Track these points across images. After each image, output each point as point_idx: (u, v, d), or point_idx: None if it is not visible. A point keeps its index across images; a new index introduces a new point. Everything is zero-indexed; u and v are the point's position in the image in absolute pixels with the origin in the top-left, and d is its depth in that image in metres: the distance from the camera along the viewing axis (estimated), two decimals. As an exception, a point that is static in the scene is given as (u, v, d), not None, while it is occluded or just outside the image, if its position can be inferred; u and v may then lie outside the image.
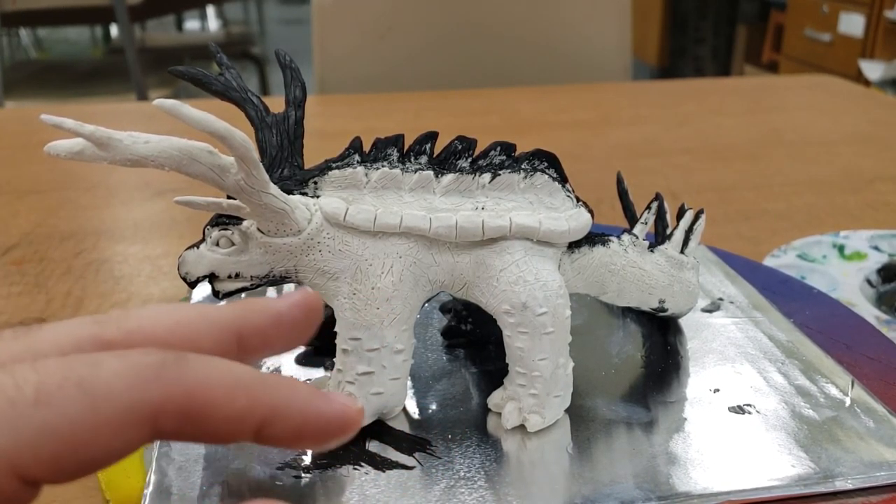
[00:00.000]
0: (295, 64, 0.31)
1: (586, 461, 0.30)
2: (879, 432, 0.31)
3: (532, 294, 0.30)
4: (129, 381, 0.17)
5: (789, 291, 0.43)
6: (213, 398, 0.18)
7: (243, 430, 0.19)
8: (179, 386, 0.18)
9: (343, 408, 0.20)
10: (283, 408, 0.19)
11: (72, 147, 0.23)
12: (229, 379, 0.19)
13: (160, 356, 0.18)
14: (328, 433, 0.20)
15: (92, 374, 0.17)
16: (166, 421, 0.18)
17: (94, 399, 0.17)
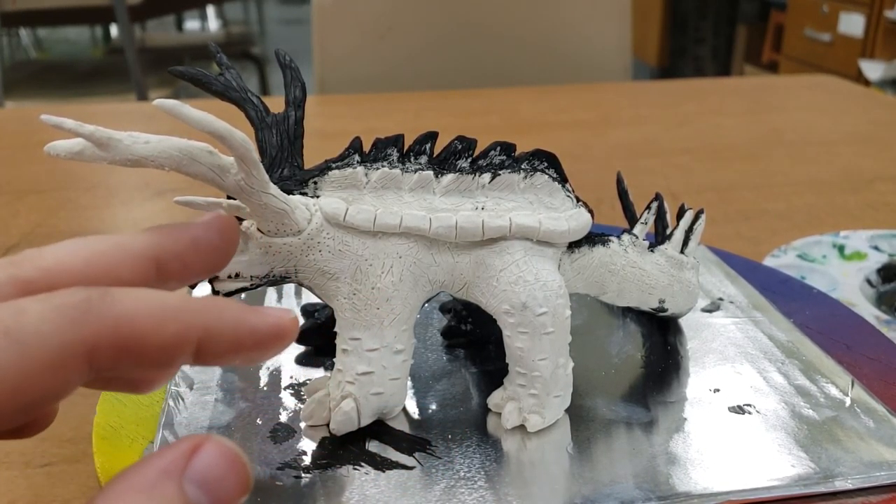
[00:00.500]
0: (295, 64, 0.31)
1: (586, 461, 0.30)
2: (879, 432, 0.31)
3: (532, 294, 0.30)
4: (57, 323, 0.17)
5: (789, 291, 0.43)
6: (143, 328, 0.18)
7: (180, 355, 0.19)
8: (107, 321, 0.18)
9: (276, 319, 0.20)
10: (215, 328, 0.19)
11: (72, 147, 0.23)
12: (156, 307, 0.19)
13: (84, 294, 0.18)
14: (265, 344, 0.20)
15: (18, 322, 0.17)
16: (101, 357, 0.18)
17: (23, 346, 0.17)
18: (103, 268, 0.21)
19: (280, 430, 0.31)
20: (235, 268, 0.29)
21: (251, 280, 0.29)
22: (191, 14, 3.99)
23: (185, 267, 0.23)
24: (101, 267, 0.21)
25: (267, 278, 0.29)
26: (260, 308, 0.20)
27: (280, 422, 0.32)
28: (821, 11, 2.39)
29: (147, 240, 0.22)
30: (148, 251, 0.22)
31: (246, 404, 0.33)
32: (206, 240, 0.23)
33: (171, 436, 0.30)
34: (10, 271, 0.19)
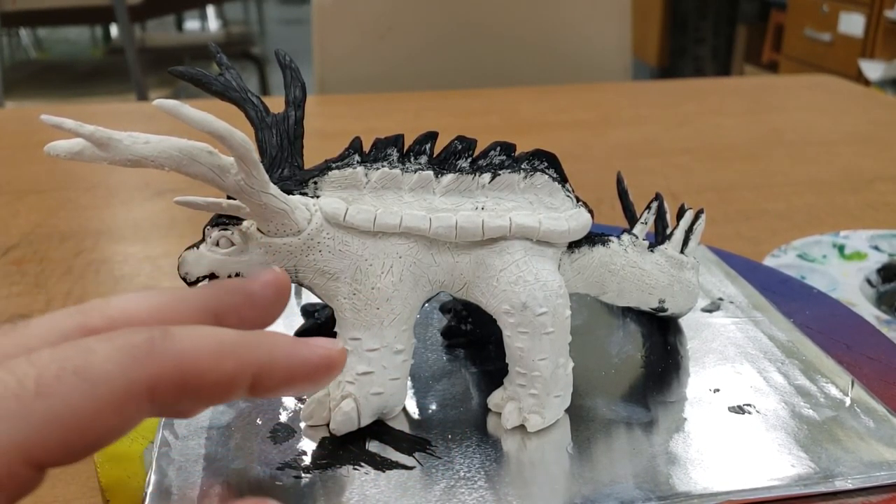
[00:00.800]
0: (295, 64, 0.31)
1: (586, 461, 0.30)
2: (879, 432, 0.31)
3: (532, 294, 0.30)
4: (122, 362, 0.18)
5: (789, 291, 0.43)
6: (202, 366, 0.19)
7: (236, 390, 0.20)
8: (169, 359, 0.19)
9: (325, 351, 0.21)
10: (268, 362, 0.20)
11: (71, 147, 0.23)
12: (214, 344, 0.20)
13: (147, 333, 0.19)
14: (316, 376, 0.21)
15: (86, 361, 0.18)
16: (163, 394, 0.19)
17: (91, 384, 0.18)
18: (165, 319, 0.22)
19: (280, 430, 0.31)
20: (236, 268, 0.29)
21: (251, 280, 0.29)
22: (191, 14, 3.99)
23: (242, 321, 0.24)
24: (163, 318, 0.22)
25: (267, 278, 0.29)
26: (309, 340, 0.22)
27: (280, 422, 0.32)
28: (821, 11, 2.39)
29: (207, 294, 0.23)
30: (208, 305, 0.23)
31: (246, 404, 0.33)
32: (262, 296, 0.24)
33: (171, 436, 0.30)
34: (78, 319, 0.20)
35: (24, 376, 0.17)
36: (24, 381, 0.17)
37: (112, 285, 0.49)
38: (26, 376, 0.17)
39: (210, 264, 0.28)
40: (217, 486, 0.28)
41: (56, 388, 0.17)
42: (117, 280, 0.50)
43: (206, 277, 0.29)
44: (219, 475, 0.29)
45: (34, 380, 0.17)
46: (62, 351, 0.18)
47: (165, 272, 0.51)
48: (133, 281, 0.50)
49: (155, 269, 0.52)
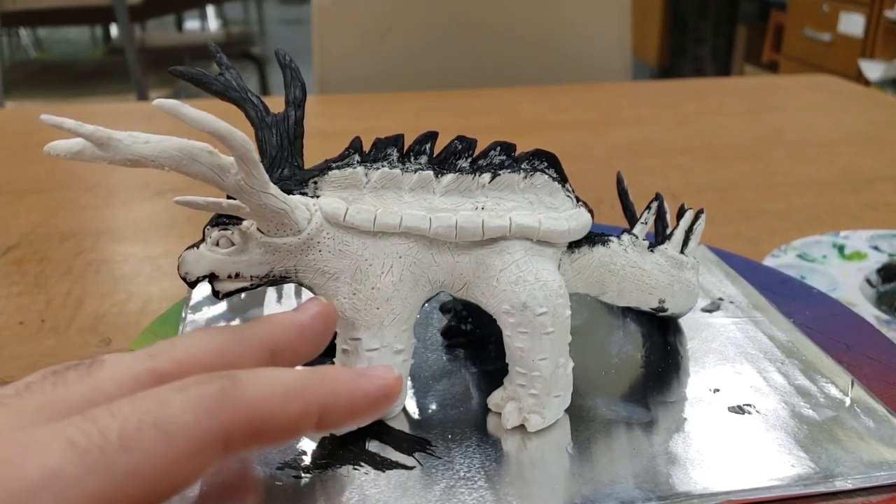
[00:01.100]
0: (295, 64, 0.31)
1: (586, 461, 0.30)
2: (879, 432, 0.31)
3: (532, 294, 0.30)
4: (197, 413, 0.19)
5: (789, 291, 0.43)
6: (271, 411, 0.20)
7: (303, 429, 0.21)
8: (240, 407, 0.19)
9: (383, 381, 0.22)
10: (332, 401, 0.21)
11: (71, 147, 0.23)
12: (280, 388, 0.20)
13: (217, 383, 0.20)
14: (376, 407, 0.22)
15: (164, 413, 0.18)
16: (234, 441, 0.19)
17: (169, 436, 0.18)
18: (228, 359, 0.23)
19: (280, 430, 0.31)
20: (235, 268, 0.29)
21: (251, 280, 0.29)
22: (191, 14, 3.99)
23: (295, 354, 0.26)
24: (226, 359, 0.23)
25: (267, 278, 0.29)
26: (367, 371, 0.23)
27: (280, 422, 0.32)
28: (821, 11, 2.39)
29: (263, 332, 0.25)
30: (266, 343, 0.24)
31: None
32: (311, 328, 0.26)
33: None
34: (148, 364, 0.21)
35: (107, 428, 0.18)
36: (106, 434, 0.18)
37: (112, 285, 0.49)
38: (108, 428, 0.18)
39: (210, 264, 0.28)
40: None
41: (137, 440, 0.18)
42: (117, 280, 0.50)
43: (205, 277, 0.29)
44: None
45: (116, 432, 0.18)
46: (140, 402, 0.19)
47: (165, 272, 0.51)
48: (133, 281, 0.50)
49: (155, 269, 0.52)
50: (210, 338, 0.23)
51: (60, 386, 0.20)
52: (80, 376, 0.20)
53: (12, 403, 0.19)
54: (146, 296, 0.48)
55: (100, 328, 0.44)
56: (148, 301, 0.47)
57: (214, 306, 0.41)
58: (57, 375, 0.21)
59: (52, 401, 0.20)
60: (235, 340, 0.24)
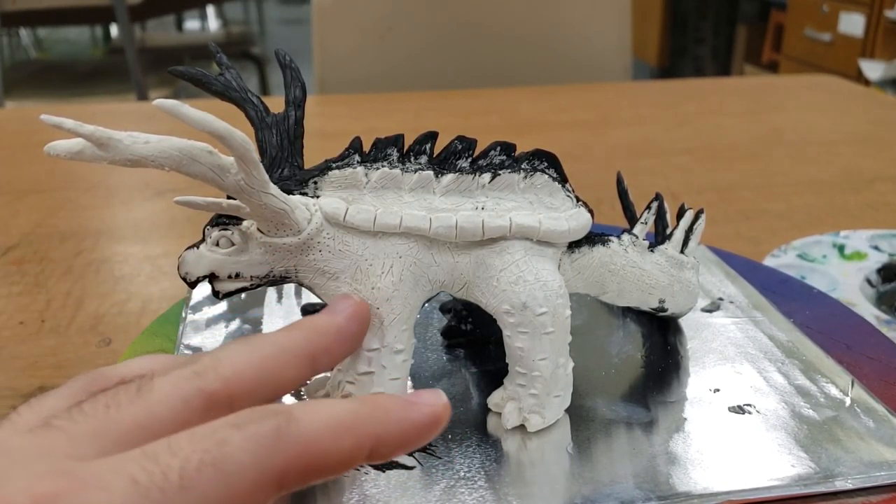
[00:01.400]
0: (295, 64, 0.31)
1: (586, 461, 0.30)
2: (879, 432, 0.31)
3: (532, 294, 0.30)
4: (255, 453, 0.19)
5: (789, 291, 0.43)
6: (324, 448, 0.20)
7: (355, 463, 0.21)
8: (295, 446, 0.20)
9: (431, 409, 0.23)
10: (383, 433, 0.21)
11: (71, 147, 0.23)
12: (334, 424, 0.21)
13: (273, 421, 0.20)
14: (426, 435, 0.22)
15: (222, 453, 0.19)
16: (289, 478, 0.20)
17: (228, 477, 0.18)
18: (272, 371, 0.23)
19: (280, 430, 0.31)
20: (235, 268, 0.29)
21: (251, 280, 0.29)
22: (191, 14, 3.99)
23: (333, 358, 0.26)
24: (270, 371, 0.23)
25: (267, 278, 0.29)
26: (416, 399, 0.23)
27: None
28: (821, 11, 2.39)
29: (303, 338, 0.25)
30: (306, 350, 0.25)
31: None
32: (348, 329, 0.27)
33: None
34: (196, 384, 0.22)
35: (168, 468, 0.18)
36: (167, 473, 0.18)
37: (112, 285, 0.49)
38: (170, 468, 0.18)
39: (210, 264, 0.28)
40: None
41: (197, 480, 0.18)
42: (117, 280, 0.50)
43: (205, 277, 0.29)
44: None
45: (177, 472, 0.18)
46: (199, 440, 0.19)
47: (165, 272, 0.51)
48: (133, 281, 0.50)
49: (155, 269, 0.52)
50: (252, 350, 0.24)
51: (113, 409, 0.20)
52: (131, 398, 0.21)
53: (67, 428, 0.20)
54: (146, 296, 0.48)
55: (100, 328, 0.44)
56: (148, 301, 0.47)
57: (214, 306, 0.41)
58: (107, 396, 0.21)
59: (106, 426, 0.20)
60: (277, 351, 0.24)
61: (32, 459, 0.19)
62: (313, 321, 0.26)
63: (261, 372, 0.23)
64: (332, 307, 0.28)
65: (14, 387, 0.39)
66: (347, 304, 0.28)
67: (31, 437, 0.19)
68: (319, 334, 0.26)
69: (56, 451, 0.19)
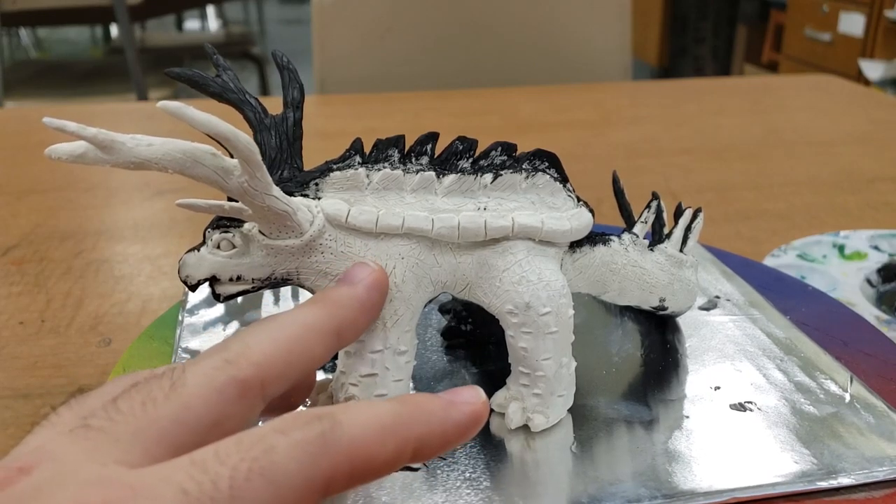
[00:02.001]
0: (293, 65, 0.31)
1: (590, 460, 0.30)
2: (880, 428, 0.31)
3: (535, 294, 0.30)
4: (301, 461, 0.19)
5: (785, 289, 0.43)
6: (370, 453, 0.20)
7: (399, 464, 0.21)
8: (342, 453, 0.20)
9: (471, 408, 0.22)
10: (426, 434, 0.21)
11: (74, 150, 0.23)
12: (378, 427, 0.21)
13: (318, 427, 0.20)
14: (467, 434, 0.22)
15: (270, 461, 0.19)
16: (335, 483, 0.20)
17: (276, 486, 0.18)
18: (300, 351, 0.24)
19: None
20: (237, 270, 0.29)
21: (252, 283, 0.29)
22: (191, 14, 3.99)
23: (357, 329, 0.27)
24: (298, 351, 0.24)
25: (269, 280, 0.29)
26: (456, 399, 0.23)
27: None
28: (821, 11, 2.39)
29: (326, 314, 0.25)
30: (332, 326, 0.25)
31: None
32: (369, 300, 0.27)
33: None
34: (229, 373, 0.22)
35: (218, 477, 0.18)
36: (217, 483, 0.18)
37: (112, 285, 0.49)
38: (220, 477, 0.18)
39: (211, 267, 0.28)
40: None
41: (246, 490, 0.18)
42: (117, 280, 0.50)
43: (206, 280, 0.29)
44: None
45: (227, 482, 0.18)
46: (247, 448, 0.19)
47: (165, 272, 0.51)
48: (133, 281, 0.50)
49: (155, 269, 0.52)
50: (278, 332, 0.24)
51: (149, 405, 0.20)
52: (165, 393, 0.21)
53: (107, 428, 0.20)
54: (146, 296, 0.48)
55: (100, 328, 0.44)
56: (148, 301, 0.47)
57: (211, 309, 0.41)
58: (141, 391, 0.21)
59: (146, 425, 0.20)
60: (302, 331, 0.24)
61: (80, 466, 0.18)
62: (336, 293, 0.26)
63: (290, 354, 0.23)
64: (350, 276, 0.28)
65: (14, 387, 0.39)
66: (365, 272, 0.27)
67: (73, 439, 0.19)
68: (342, 308, 0.26)
69: (102, 456, 0.19)
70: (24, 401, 0.38)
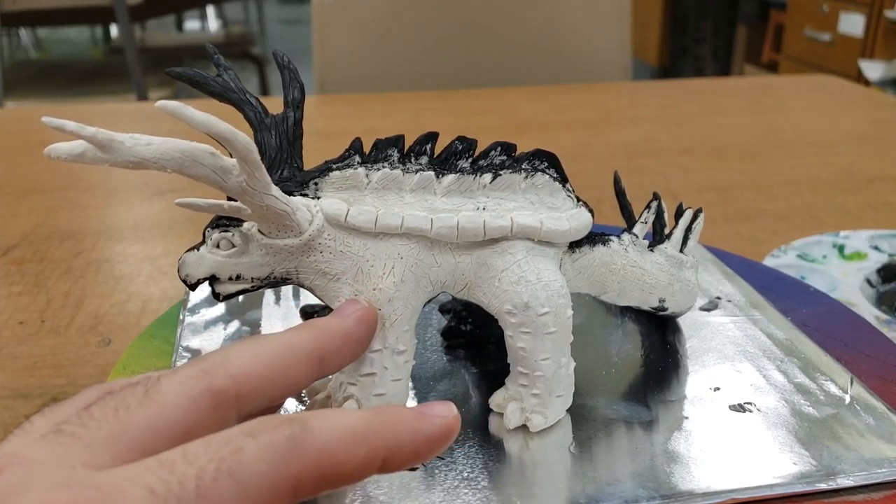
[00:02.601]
0: (293, 65, 0.31)
1: (588, 461, 0.30)
2: (880, 429, 0.31)
3: (534, 294, 0.30)
4: (270, 462, 0.19)
5: (785, 289, 0.43)
6: (338, 459, 0.20)
7: (368, 473, 0.21)
8: (310, 457, 0.20)
9: (443, 420, 0.23)
10: (396, 444, 0.22)
11: (73, 149, 0.23)
12: (348, 434, 0.21)
13: (287, 430, 0.20)
14: (438, 447, 0.22)
15: (238, 461, 0.19)
16: (303, 487, 0.20)
17: (244, 487, 0.18)
18: (280, 370, 0.23)
19: (281, 431, 0.31)
20: (236, 270, 0.29)
21: (252, 282, 0.29)
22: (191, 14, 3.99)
23: (341, 360, 0.26)
24: (278, 370, 0.23)
25: (268, 280, 0.29)
26: (428, 411, 0.23)
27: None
28: (821, 11, 2.39)
29: (311, 339, 0.25)
30: (314, 351, 0.25)
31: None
32: (356, 333, 0.27)
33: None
34: (204, 382, 0.21)
35: (185, 477, 0.18)
36: (184, 483, 0.18)
37: (112, 285, 0.49)
38: (186, 477, 0.18)
39: (211, 266, 0.28)
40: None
41: (213, 490, 0.18)
42: (117, 280, 0.50)
43: (206, 279, 0.29)
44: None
45: (194, 482, 0.18)
46: (215, 449, 0.19)
47: (165, 272, 0.51)
48: (133, 281, 0.50)
49: (155, 269, 0.52)
50: (260, 349, 0.24)
51: (122, 412, 0.20)
52: (139, 400, 0.21)
53: (79, 434, 0.19)
54: (146, 296, 0.48)
55: (100, 328, 0.44)
56: (148, 301, 0.47)
57: (212, 308, 0.41)
58: (115, 398, 0.21)
59: (118, 430, 0.20)
60: (285, 351, 0.24)
61: (49, 469, 0.18)
62: (323, 323, 0.27)
63: (269, 371, 0.23)
64: (340, 311, 0.28)
65: (14, 387, 0.39)
66: (356, 307, 0.28)
67: (44, 444, 0.19)
68: (328, 335, 0.26)
69: (71, 459, 0.19)
70: (24, 401, 0.38)
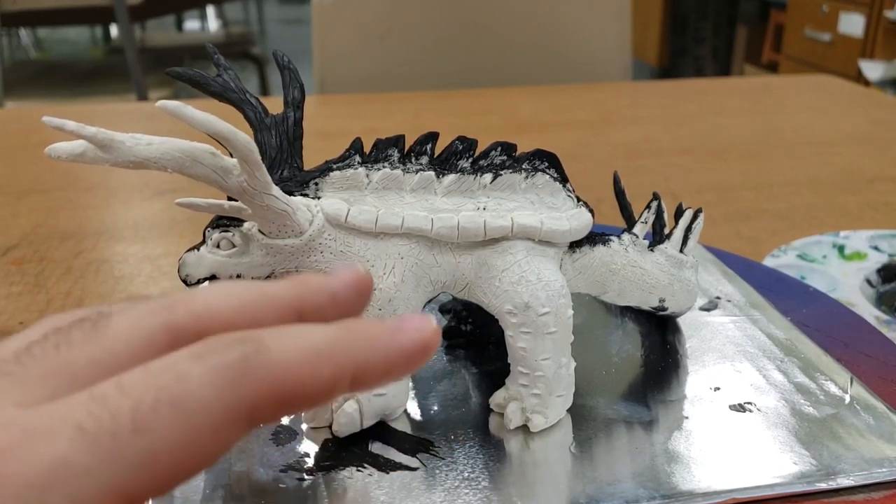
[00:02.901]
0: (293, 65, 0.31)
1: (589, 461, 0.30)
2: (880, 429, 0.31)
3: (534, 294, 0.30)
4: (219, 387, 0.17)
5: (785, 289, 0.43)
6: (300, 378, 0.18)
7: (336, 392, 0.19)
8: (266, 376, 0.18)
9: (419, 334, 0.20)
10: (366, 360, 0.19)
11: (73, 149, 0.23)
12: (310, 350, 0.18)
13: (239, 349, 0.18)
14: (415, 362, 0.20)
15: (181, 389, 0.17)
16: (261, 413, 0.18)
17: (188, 415, 0.17)
18: (250, 316, 0.20)
19: (282, 433, 0.31)
20: (237, 270, 0.29)
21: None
22: (191, 14, 3.99)
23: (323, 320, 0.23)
24: (248, 315, 0.20)
25: (268, 280, 0.29)
26: (403, 325, 0.20)
27: (282, 424, 0.32)
28: (821, 11, 2.39)
29: (291, 290, 0.22)
30: (292, 302, 0.22)
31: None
32: (344, 297, 0.23)
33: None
34: (163, 318, 0.19)
35: (118, 410, 0.16)
36: (118, 417, 0.16)
37: (112, 285, 0.49)
38: (120, 410, 0.16)
39: (211, 266, 0.28)
40: (220, 490, 0.28)
41: (153, 422, 0.16)
42: (117, 280, 0.50)
43: (206, 279, 0.29)
44: (221, 478, 0.29)
45: (129, 415, 0.16)
46: (154, 376, 0.17)
47: (165, 272, 0.51)
48: (133, 281, 0.50)
49: (155, 269, 0.52)
50: (231, 290, 0.21)
51: (64, 348, 0.18)
52: (86, 336, 0.18)
53: (14, 372, 0.18)
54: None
55: (101, 329, 0.44)
56: (149, 301, 0.47)
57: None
58: (60, 334, 0.19)
59: (57, 367, 0.18)
60: (259, 297, 0.21)
61: None
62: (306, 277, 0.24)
63: (237, 314, 0.20)
64: (330, 272, 0.25)
65: (15, 387, 0.39)
66: (347, 271, 0.24)
67: None
68: (310, 290, 0.23)
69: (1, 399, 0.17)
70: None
